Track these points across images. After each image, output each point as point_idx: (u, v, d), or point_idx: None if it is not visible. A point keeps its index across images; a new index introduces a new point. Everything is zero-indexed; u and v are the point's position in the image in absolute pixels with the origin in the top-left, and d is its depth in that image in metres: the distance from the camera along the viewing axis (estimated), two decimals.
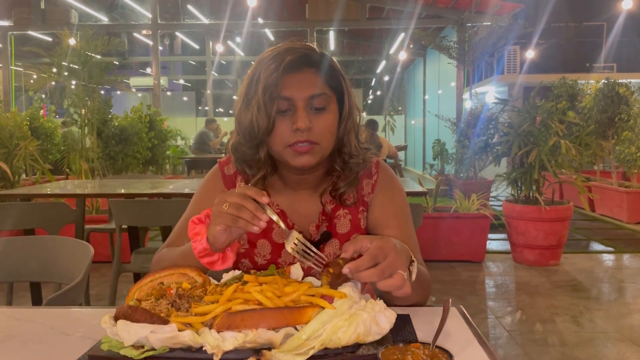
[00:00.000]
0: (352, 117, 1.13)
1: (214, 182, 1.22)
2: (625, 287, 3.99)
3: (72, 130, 6.35)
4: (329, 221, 1.16)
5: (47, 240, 1.65)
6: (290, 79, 1.05)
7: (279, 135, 1.06)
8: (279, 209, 1.17)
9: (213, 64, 13.38)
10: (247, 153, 1.12)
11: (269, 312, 0.81)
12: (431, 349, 0.78)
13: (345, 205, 1.16)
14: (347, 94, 1.12)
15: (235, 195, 0.92)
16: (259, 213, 0.91)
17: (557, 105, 4.66)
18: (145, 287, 0.95)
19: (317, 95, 1.06)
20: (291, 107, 1.05)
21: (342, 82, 1.11)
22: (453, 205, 4.74)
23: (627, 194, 6.30)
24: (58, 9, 9.27)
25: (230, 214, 0.91)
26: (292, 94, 1.05)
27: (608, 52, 12.68)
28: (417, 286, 0.99)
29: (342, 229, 1.16)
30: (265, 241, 1.17)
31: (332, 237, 1.15)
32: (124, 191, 3.40)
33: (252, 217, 0.91)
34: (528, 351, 2.78)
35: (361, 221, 1.17)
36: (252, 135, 1.07)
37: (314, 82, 1.07)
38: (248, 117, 1.06)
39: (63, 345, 0.90)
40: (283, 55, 1.05)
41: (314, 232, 1.15)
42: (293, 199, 1.18)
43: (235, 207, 0.91)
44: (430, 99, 13.14)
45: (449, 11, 8.89)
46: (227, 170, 1.22)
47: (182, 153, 9.74)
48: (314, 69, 1.08)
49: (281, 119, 1.05)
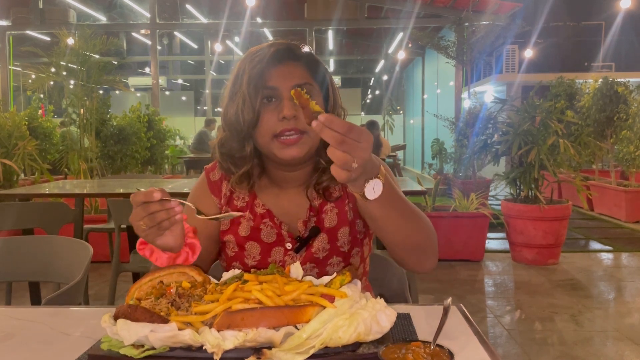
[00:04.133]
0: (338, 109, 1.14)
1: (202, 190, 1.22)
2: (624, 286, 4.00)
3: (70, 130, 6.34)
4: (317, 216, 1.15)
5: (46, 240, 1.65)
6: (275, 70, 1.06)
7: (265, 126, 1.06)
8: (264, 208, 1.16)
9: (212, 63, 13.37)
10: (234, 148, 1.11)
11: (269, 311, 0.80)
12: (432, 348, 0.78)
13: (331, 199, 1.16)
14: (332, 89, 1.13)
15: (138, 211, 0.93)
16: (167, 205, 0.93)
17: (555, 105, 4.66)
18: (145, 286, 0.95)
19: (303, 84, 1.06)
20: (276, 97, 1.06)
21: (327, 78, 1.13)
22: (452, 204, 4.74)
23: (626, 193, 6.30)
24: (56, 8, 9.26)
25: (151, 226, 0.93)
26: (277, 84, 1.06)
27: (606, 51, 12.69)
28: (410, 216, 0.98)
29: (329, 223, 1.15)
30: (254, 243, 1.16)
31: (320, 232, 1.15)
32: (122, 191, 3.39)
33: (167, 214, 0.93)
34: (527, 350, 2.78)
35: (347, 214, 1.16)
36: (237, 128, 1.08)
37: (299, 73, 1.08)
38: (233, 110, 1.07)
39: (63, 344, 0.90)
40: (267, 48, 1.08)
41: (301, 229, 1.15)
42: (280, 197, 1.17)
43: (148, 220, 0.93)
44: (429, 99, 13.15)
45: (447, 10, 8.89)
46: (212, 176, 1.22)
47: (180, 153, 9.73)
48: (298, 61, 1.09)
49: (266, 110, 1.06)
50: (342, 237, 1.15)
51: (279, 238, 1.15)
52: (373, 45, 14.29)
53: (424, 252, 1.05)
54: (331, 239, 1.15)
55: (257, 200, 1.17)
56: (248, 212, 1.17)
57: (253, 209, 1.17)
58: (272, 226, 1.15)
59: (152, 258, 1.02)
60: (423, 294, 3.62)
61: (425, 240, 1.04)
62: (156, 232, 0.95)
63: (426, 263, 1.07)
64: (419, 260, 1.06)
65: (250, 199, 1.17)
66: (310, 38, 9.04)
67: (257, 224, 1.16)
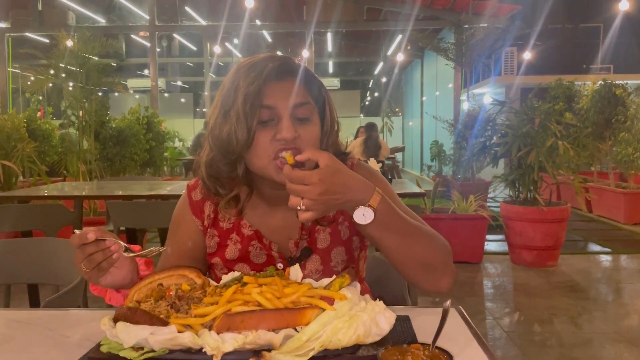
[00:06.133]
0: (334, 130, 1.08)
1: (184, 211, 1.16)
2: (623, 287, 4.00)
3: (69, 132, 6.34)
4: (310, 236, 1.11)
5: (45, 242, 1.65)
6: (272, 87, 0.99)
7: (261, 148, 0.98)
8: (252, 230, 1.11)
9: (211, 65, 13.36)
10: (223, 170, 1.03)
11: (269, 314, 0.80)
12: (431, 350, 0.78)
13: (323, 224, 1.10)
14: (329, 105, 1.07)
15: (77, 254, 0.92)
16: (103, 245, 0.92)
17: (554, 107, 4.67)
18: (144, 288, 0.95)
19: (301, 104, 1.00)
20: (274, 117, 0.98)
21: (324, 94, 1.07)
22: (451, 206, 4.74)
23: (625, 195, 6.31)
24: (55, 10, 9.26)
25: (92, 268, 0.93)
26: (275, 103, 0.98)
27: (605, 53, 12.71)
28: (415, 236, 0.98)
29: (322, 243, 1.11)
30: (244, 264, 1.11)
31: (312, 253, 1.10)
32: (121, 193, 3.39)
33: (103, 254, 0.92)
34: (526, 352, 2.78)
35: (342, 233, 1.12)
36: (229, 149, 0.99)
37: (298, 90, 1.00)
38: (226, 130, 0.98)
39: (62, 347, 0.89)
40: (263, 63, 1.00)
41: (293, 249, 1.10)
42: (269, 216, 1.12)
43: (88, 262, 0.92)
44: (427, 101, 13.16)
45: (446, 13, 8.90)
46: (194, 195, 1.15)
47: (179, 155, 9.74)
48: (296, 79, 1.01)
49: (262, 131, 0.98)
50: (336, 257, 1.12)
51: (269, 259, 1.11)
52: (372, 48, 14.30)
53: (435, 270, 1.01)
54: (324, 260, 1.11)
55: (244, 221, 1.11)
56: (235, 234, 1.12)
57: (240, 230, 1.11)
58: (261, 247, 1.10)
59: (107, 298, 1.02)
60: (422, 296, 3.61)
61: (434, 258, 1.00)
62: (97, 273, 0.94)
63: (440, 281, 1.02)
64: (431, 279, 1.01)
65: (237, 220, 1.12)
66: (309, 40, 9.05)
67: (245, 246, 1.10)
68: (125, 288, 1.00)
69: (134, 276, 1.00)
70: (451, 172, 7.41)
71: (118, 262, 0.96)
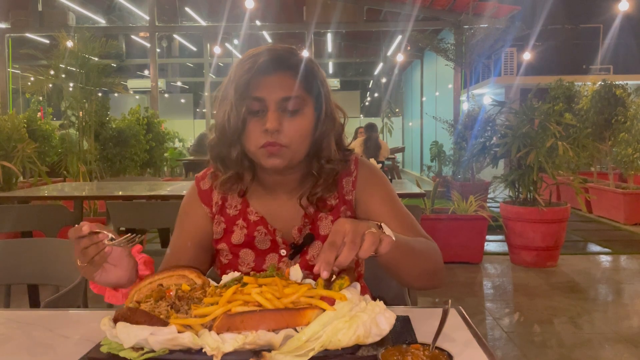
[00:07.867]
0: (331, 121, 1.11)
1: (192, 199, 1.20)
2: (623, 288, 4.00)
3: (69, 132, 6.33)
4: (312, 223, 1.15)
5: (45, 243, 1.65)
6: (263, 80, 1.04)
7: (250, 136, 1.06)
8: (258, 215, 1.15)
9: (211, 66, 13.37)
10: (222, 151, 1.11)
11: (269, 314, 0.81)
12: (431, 350, 0.78)
13: (324, 210, 1.15)
14: (325, 97, 1.10)
15: (75, 249, 0.94)
16: (95, 238, 0.93)
17: (554, 107, 4.67)
18: (144, 288, 0.95)
19: (289, 97, 1.04)
20: (263, 108, 1.04)
21: (320, 86, 1.09)
22: (451, 206, 4.74)
23: (624, 196, 6.31)
24: (55, 11, 9.26)
25: (86, 263, 0.94)
26: (263, 95, 1.04)
27: (605, 54, 12.72)
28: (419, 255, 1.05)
29: (324, 230, 1.15)
30: (248, 250, 1.15)
31: (315, 239, 1.14)
32: (121, 193, 3.39)
33: (96, 248, 0.93)
34: (526, 352, 2.78)
35: None
36: (224, 134, 1.07)
37: (288, 84, 1.05)
38: (221, 116, 1.07)
39: (62, 347, 0.89)
40: (258, 56, 1.06)
41: (296, 235, 1.14)
42: (273, 203, 1.16)
43: (82, 256, 0.93)
44: (427, 101, 13.16)
45: (446, 13, 8.90)
46: (202, 185, 1.20)
47: (179, 155, 9.74)
48: (289, 71, 1.06)
49: (253, 120, 1.05)
50: None
51: (273, 245, 1.15)
52: (372, 48, 14.30)
53: (434, 275, 1.11)
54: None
55: (250, 207, 1.16)
56: (241, 220, 1.16)
57: (246, 217, 1.16)
58: (266, 233, 1.14)
59: (106, 296, 1.02)
60: (422, 296, 3.61)
61: (432, 267, 1.10)
62: (90, 268, 0.95)
63: (436, 282, 1.13)
64: (428, 282, 1.12)
65: (243, 207, 1.16)
66: (309, 41, 9.05)
67: (250, 232, 1.15)
68: (123, 287, 1.01)
69: (132, 276, 1.00)
70: (451, 172, 7.41)
71: (114, 260, 0.97)
